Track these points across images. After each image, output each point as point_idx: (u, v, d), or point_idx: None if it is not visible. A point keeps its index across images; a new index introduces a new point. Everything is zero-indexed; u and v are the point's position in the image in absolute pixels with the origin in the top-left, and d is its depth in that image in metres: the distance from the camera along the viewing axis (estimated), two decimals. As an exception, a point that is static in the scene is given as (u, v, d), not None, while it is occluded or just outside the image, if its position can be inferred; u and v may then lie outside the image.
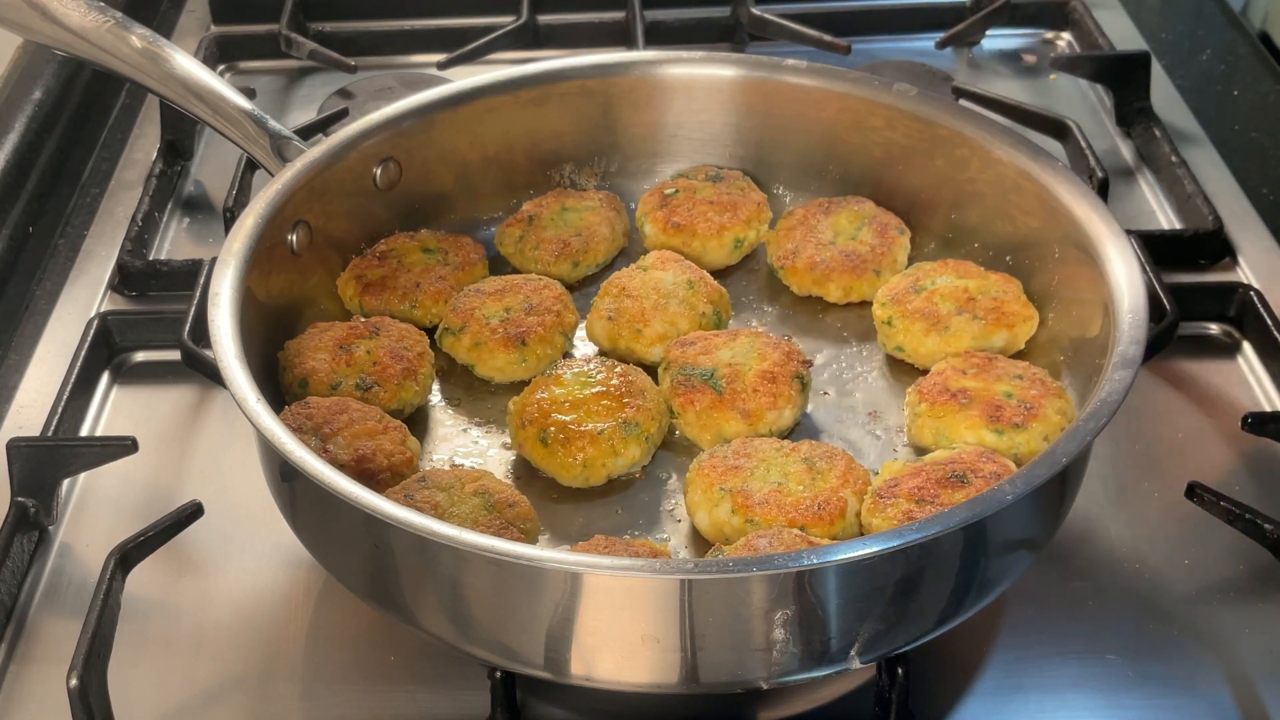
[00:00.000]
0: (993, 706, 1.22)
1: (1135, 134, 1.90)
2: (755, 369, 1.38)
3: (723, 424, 1.36)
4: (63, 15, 1.45)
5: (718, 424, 1.37)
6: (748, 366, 1.39)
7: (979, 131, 1.51)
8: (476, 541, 1.06)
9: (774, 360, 1.39)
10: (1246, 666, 1.25)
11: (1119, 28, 2.11)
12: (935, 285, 1.47)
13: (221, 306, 1.27)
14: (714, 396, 1.37)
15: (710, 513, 1.27)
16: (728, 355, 1.40)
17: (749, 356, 1.40)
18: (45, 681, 1.25)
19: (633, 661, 1.11)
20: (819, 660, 1.12)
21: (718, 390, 1.37)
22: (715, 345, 1.42)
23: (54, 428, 1.43)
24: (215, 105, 1.46)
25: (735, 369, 1.39)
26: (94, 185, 1.85)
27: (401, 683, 1.24)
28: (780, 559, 1.06)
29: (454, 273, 1.53)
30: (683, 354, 1.42)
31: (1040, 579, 1.30)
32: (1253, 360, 1.55)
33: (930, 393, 1.36)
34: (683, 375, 1.39)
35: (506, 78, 1.62)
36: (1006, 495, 1.10)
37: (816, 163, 1.64)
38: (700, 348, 1.42)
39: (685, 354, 1.42)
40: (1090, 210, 1.38)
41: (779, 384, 1.37)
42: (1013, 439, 1.31)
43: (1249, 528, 1.29)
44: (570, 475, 1.33)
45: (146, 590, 1.30)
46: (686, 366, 1.40)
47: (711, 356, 1.41)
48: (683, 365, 1.40)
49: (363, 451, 1.29)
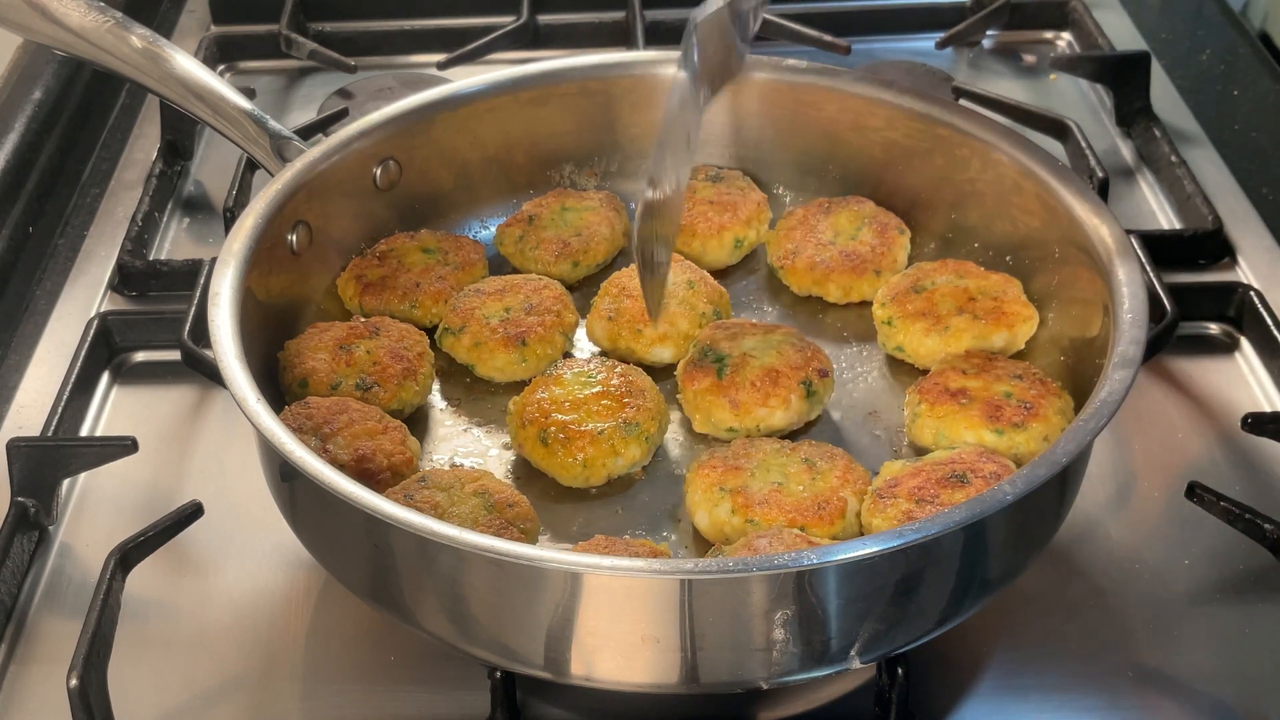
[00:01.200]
0: (993, 706, 1.22)
1: (1135, 134, 1.90)
2: (763, 364, 1.38)
3: (712, 409, 1.37)
4: (63, 15, 1.45)
5: (708, 407, 1.37)
6: (759, 360, 1.39)
7: (979, 131, 1.51)
8: (476, 541, 1.06)
9: (788, 360, 1.38)
10: (1246, 666, 1.25)
11: (1119, 28, 2.11)
12: (935, 285, 1.47)
13: (221, 306, 1.27)
14: (713, 381, 1.37)
15: (710, 512, 1.27)
16: (749, 345, 1.40)
17: (767, 351, 1.40)
18: (45, 681, 1.25)
19: (633, 661, 1.11)
20: (819, 660, 1.12)
21: (719, 375, 1.37)
22: (747, 333, 1.42)
23: (54, 428, 1.43)
24: (215, 105, 1.46)
25: (746, 359, 1.38)
26: (94, 185, 1.85)
27: (401, 683, 1.24)
28: (781, 559, 1.06)
29: (454, 273, 1.53)
30: (712, 335, 1.42)
31: (1040, 579, 1.30)
32: (1252, 360, 1.55)
33: (930, 393, 1.36)
34: (698, 352, 1.40)
35: (506, 78, 1.62)
36: (1006, 495, 1.10)
37: (816, 163, 1.64)
38: (731, 332, 1.42)
39: (714, 335, 1.42)
40: (1090, 210, 1.38)
41: (779, 385, 1.37)
42: (1013, 439, 1.31)
43: (1249, 528, 1.29)
44: (570, 475, 1.33)
45: (146, 590, 1.30)
46: (707, 345, 1.41)
47: (735, 343, 1.40)
48: (704, 343, 1.41)
49: (363, 451, 1.29)
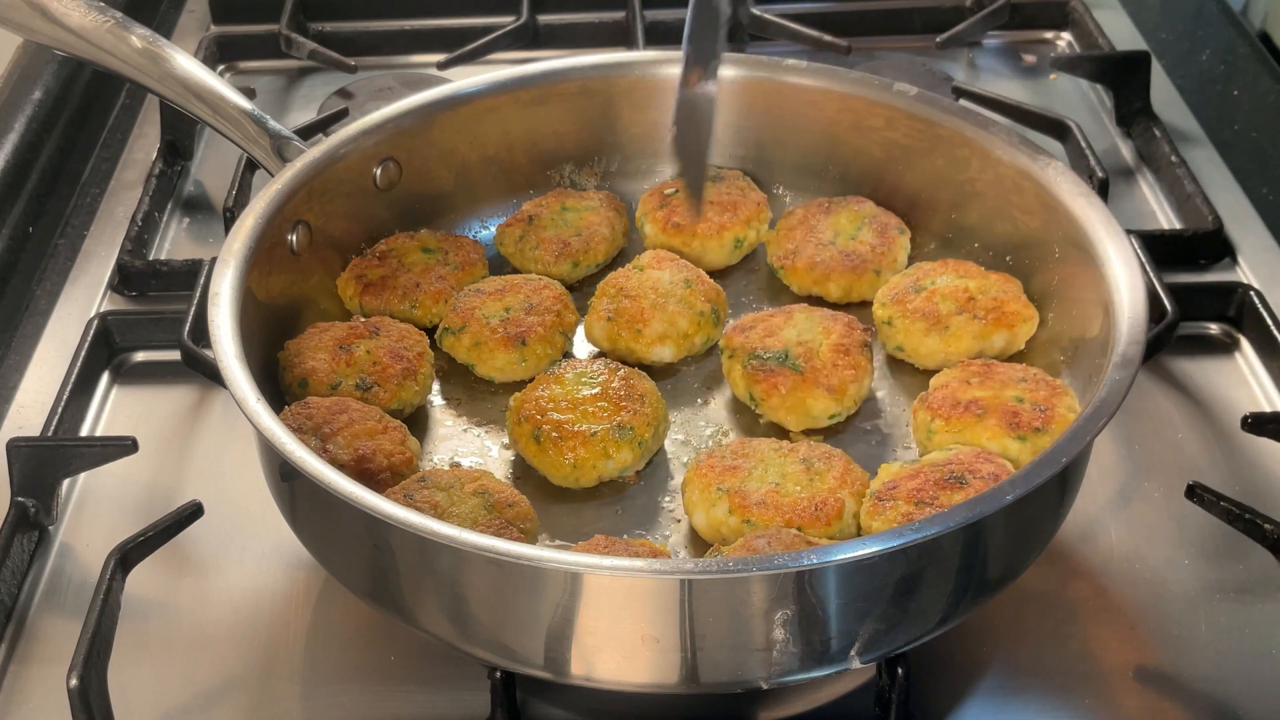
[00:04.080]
0: (993, 706, 1.22)
1: (1135, 134, 1.90)
2: (827, 344, 1.38)
3: (810, 403, 1.36)
4: (63, 15, 1.45)
5: (804, 404, 1.36)
6: (818, 342, 1.39)
7: (979, 131, 1.51)
8: (476, 541, 1.06)
9: (839, 333, 1.39)
10: (1246, 666, 1.25)
11: (1119, 28, 2.11)
12: (935, 285, 1.46)
13: (221, 306, 1.27)
14: (796, 377, 1.36)
15: (708, 513, 1.27)
16: (794, 334, 1.40)
17: (814, 332, 1.40)
18: (45, 681, 1.25)
19: (633, 661, 1.11)
20: (819, 660, 1.12)
21: (798, 370, 1.36)
22: (776, 326, 1.42)
23: (54, 428, 1.43)
24: (215, 105, 1.46)
25: (808, 347, 1.38)
26: (94, 185, 1.85)
27: (401, 683, 1.24)
28: (781, 559, 1.06)
29: (454, 273, 1.53)
30: (746, 339, 1.41)
31: (1040, 579, 1.30)
32: (1252, 360, 1.55)
33: (942, 407, 1.33)
34: (757, 361, 1.38)
35: (506, 78, 1.62)
36: (1006, 495, 1.10)
37: (816, 163, 1.64)
38: (763, 330, 1.41)
39: (749, 339, 1.41)
40: (1090, 210, 1.38)
41: (853, 354, 1.38)
42: (1036, 443, 1.29)
43: (1249, 528, 1.29)
44: (560, 474, 1.32)
45: (146, 590, 1.30)
46: (757, 351, 1.39)
47: (777, 337, 1.40)
48: (751, 350, 1.39)
49: (363, 451, 1.29)
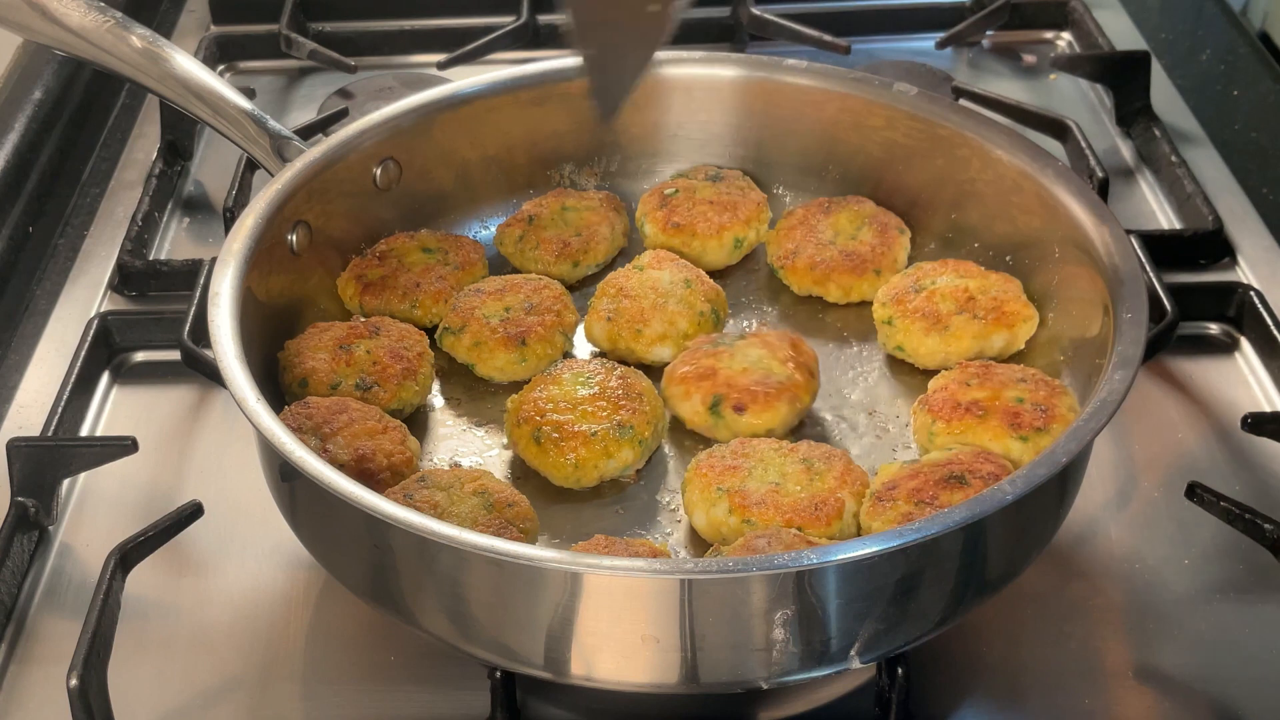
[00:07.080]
0: (993, 706, 1.22)
1: (1135, 134, 1.89)
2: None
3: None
4: (63, 15, 1.45)
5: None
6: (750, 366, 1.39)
7: (979, 131, 1.51)
8: (476, 541, 1.06)
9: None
10: (1246, 666, 1.25)
11: (1119, 28, 2.11)
12: (935, 285, 1.46)
13: (221, 306, 1.27)
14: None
15: (707, 513, 1.27)
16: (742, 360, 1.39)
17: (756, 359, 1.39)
18: (45, 681, 1.25)
19: (633, 661, 1.11)
20: (819, 660, 1.12)
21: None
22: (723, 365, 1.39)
23: (54, 428, 1.43)
24: (215, 105, 1.46)
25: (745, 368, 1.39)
26: (94, 185, 1.85)
27: (401, 683, 1.24)
28: (780, 559, 1.06)
29: (454, 273, 1.52)
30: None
31: (1040, 579, 1.30)
32: (1252, 360, 1.55)
33: (943, 409, 1.33)
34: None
35: (506, 78, 1.62)
36: (1006, 495, 1.10)
37: (816, 163, 1.64)
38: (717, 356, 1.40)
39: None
40: (1090, 210, 1.38)
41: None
42: (1038, 443, 1.28)
43: (1249, 528, 1.29)
44: (561, 475, 1.32)
45: (146, 590, 1.30)
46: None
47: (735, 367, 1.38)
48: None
49: (362, 451, 1.29)
